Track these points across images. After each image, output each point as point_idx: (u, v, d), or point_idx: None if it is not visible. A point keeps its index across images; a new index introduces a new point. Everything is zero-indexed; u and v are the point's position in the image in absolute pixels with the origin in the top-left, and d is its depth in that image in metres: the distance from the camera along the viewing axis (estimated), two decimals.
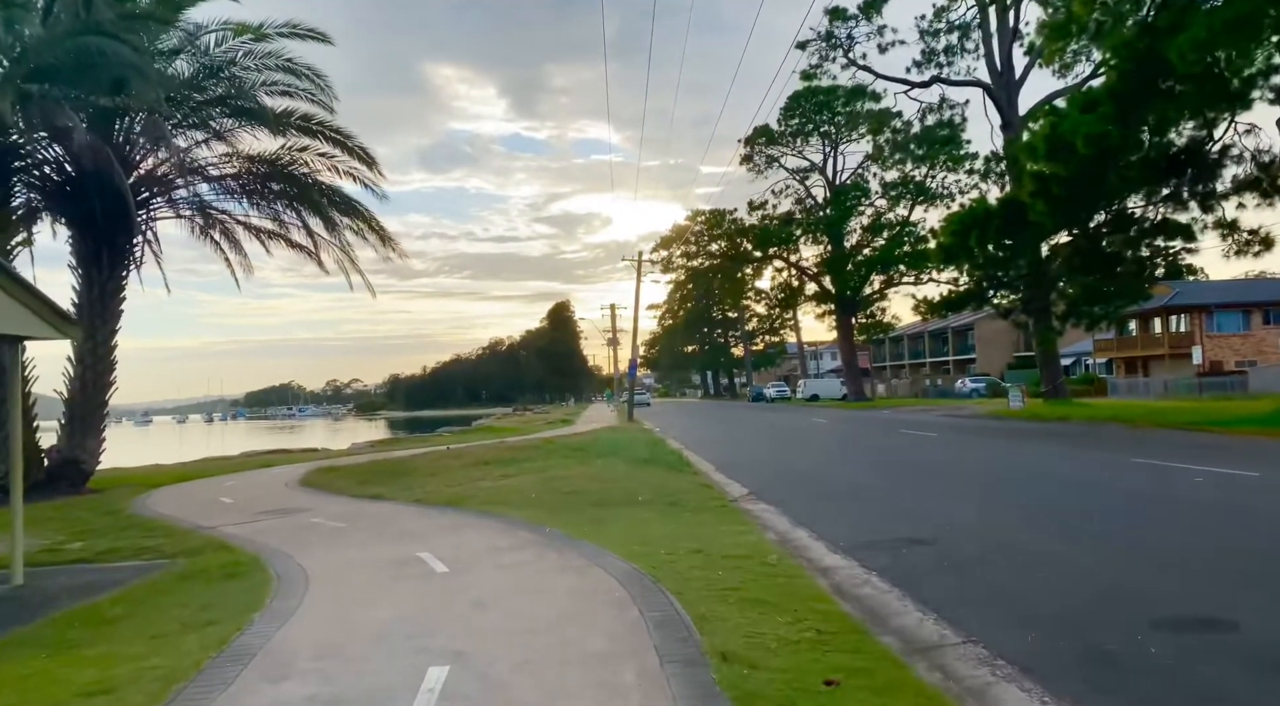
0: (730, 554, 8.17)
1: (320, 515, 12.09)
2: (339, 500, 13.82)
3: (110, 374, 18.14)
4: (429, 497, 13.17)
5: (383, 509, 12.38)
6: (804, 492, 13.43)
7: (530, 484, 14.33)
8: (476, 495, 13.09)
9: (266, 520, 12.02)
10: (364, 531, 10.42)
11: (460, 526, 10.23)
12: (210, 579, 8.01)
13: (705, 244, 64.89)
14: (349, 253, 20.70)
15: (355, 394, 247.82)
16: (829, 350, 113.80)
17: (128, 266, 18.63)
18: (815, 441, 25.35)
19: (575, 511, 11.22)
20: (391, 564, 8.14)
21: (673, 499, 12.32)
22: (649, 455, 20.11)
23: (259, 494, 15.45)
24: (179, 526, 11.78)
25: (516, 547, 8.57)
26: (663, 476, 15.45)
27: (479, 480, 15.92)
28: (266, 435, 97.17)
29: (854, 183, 62.80)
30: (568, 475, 15.46)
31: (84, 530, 11.85)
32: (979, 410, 40.28)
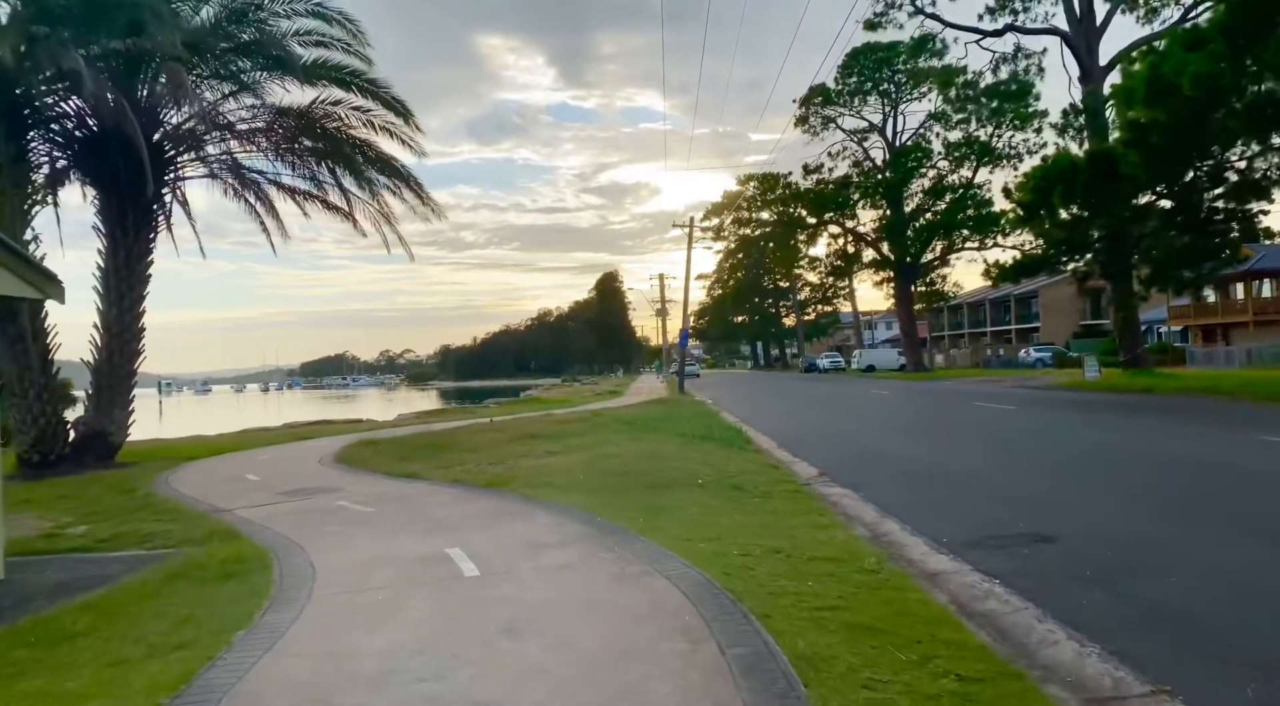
0: (818, 554, 6.76)
1: (347, 497, 10.93)
2: (371, 479, 12.69)
3: (138, 342, 17.23)
4: (468, 477, 11.96)
5: (416, 490, 11.18)
6: (884, 474, 11.94)
7: (578, 462, 13.04)
8: (519, 475, 11.83)
9: (288, 502, 10.91)
10: (391, 518, 9.21)
11: (498, 514, 8.95)
12: (205, 579, 6.83)
13: (758, 210, 62.85)
14: (386, 213, 19.53)
15: (408, 364, 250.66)
16: (884, 319, 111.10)
17: (155, 229, 17.66)
18: (882, 414, 23.71)
19: (628, 496, 9.89)
20: (415, 563, 6.88)
21: (736, 481, 10.93)
22: (704, 430, 18.72)
23: (289, 470, 14.41)
24: (194, 509, 10.73)
25: (561, 544, 7.25)
26: (722, 454, 14.06)
27: (523, 457, 14.69)
28: (318, 405, 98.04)
29: (915, 144, 60.15)
30: (618, 452, 14.15)
31: (93, 511, 10.86)
32: (1050, 380, 38.10)
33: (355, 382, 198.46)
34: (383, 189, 19.39)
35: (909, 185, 60.04)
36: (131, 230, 16.86)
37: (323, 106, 17.81)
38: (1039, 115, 53.25)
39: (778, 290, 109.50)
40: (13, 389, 15.33)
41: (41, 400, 15.31)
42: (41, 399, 15.31)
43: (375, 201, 19.48)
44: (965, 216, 57.35)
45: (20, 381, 15.17)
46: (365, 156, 18.08)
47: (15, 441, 15.69)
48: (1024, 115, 53.34)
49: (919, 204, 61.22)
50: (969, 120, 55.44)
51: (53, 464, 15.40)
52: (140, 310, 17.30)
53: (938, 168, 59.88)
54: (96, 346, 17.00)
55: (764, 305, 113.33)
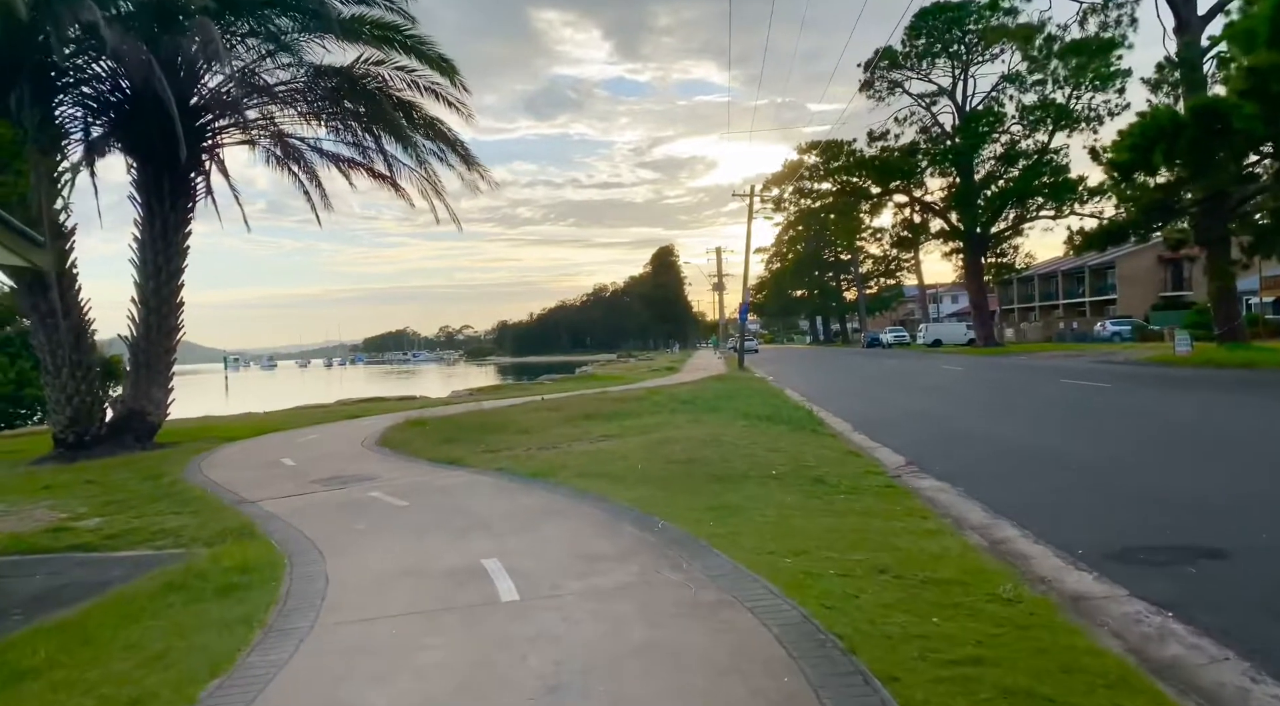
0: (933, 574, 5.47)
1: (383, 487, 9.91)
2: (411, 466, 11.68)
3: (176, 317, 16.50)
4: (515, 465, 10.85)
5: (457, 481, 10.11)
6: (980, 463, 10.54)
7: (635, 448, 11.86)
8: (570, 463, 10.69)
9: (319, 493, 9.93)
10: (426, 514, 8.13)
11: (545, 512, 7.80)
12: (203, 592, 5.81)
13: (820, 179, 60.67)
14: (433, 181, 18.47)
15: (466, 340, 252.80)
16: (949, 293, 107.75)
17: (193, 198, 16.86)
18: (962, 393, 22.08)
19: (692, 491, 8.67)
20: (444, 578, 5.76)
21: (815, 472, 9.63)
22: (770, 410, 17.39)
23: (328, 454, 13.51)
24: (219, 499, 9.81)
25: (617, 556, 6.05)
26: (794, 439, 12.75)
27: (576, 441, 13.57)
28: (376, 381, 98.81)
29: (986, 108, 57.26)
30: (679, 436, 12.93)
31: (112, 500, 10.02)
32: (1134, 355, 35.81)
33: (415, 358, 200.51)
34: (430, 156, 18.34)
35: (980, 151, 57.24)
36: (168, 199, 16.08)
37: (364, 66, 16.75)
38: (1122, 74, 50.25)
39: (838, 263, 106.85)
40: (46, 367, 14.70)
41: (76, 378, 14.64)
42: (76, 377, 14.64)
43: (421, 169, 18.45)
44: (1040, 183, 54.51)
45: (54, 358, 14.51)
46: (410, 118, 17.00)
47: (51, 421, 15.09)
48: (1105, 74, 50.36)
49: (990, 171, 58.40)
50: (1046, 82, 52.59)
51: (88, 445, 14.76)
52: (178, 284, 16.56)
53: (1011, 133, 56.95)
54: (134, 321, 16.32)
55: (824, 279, 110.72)
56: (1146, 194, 26.95)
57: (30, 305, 14.34)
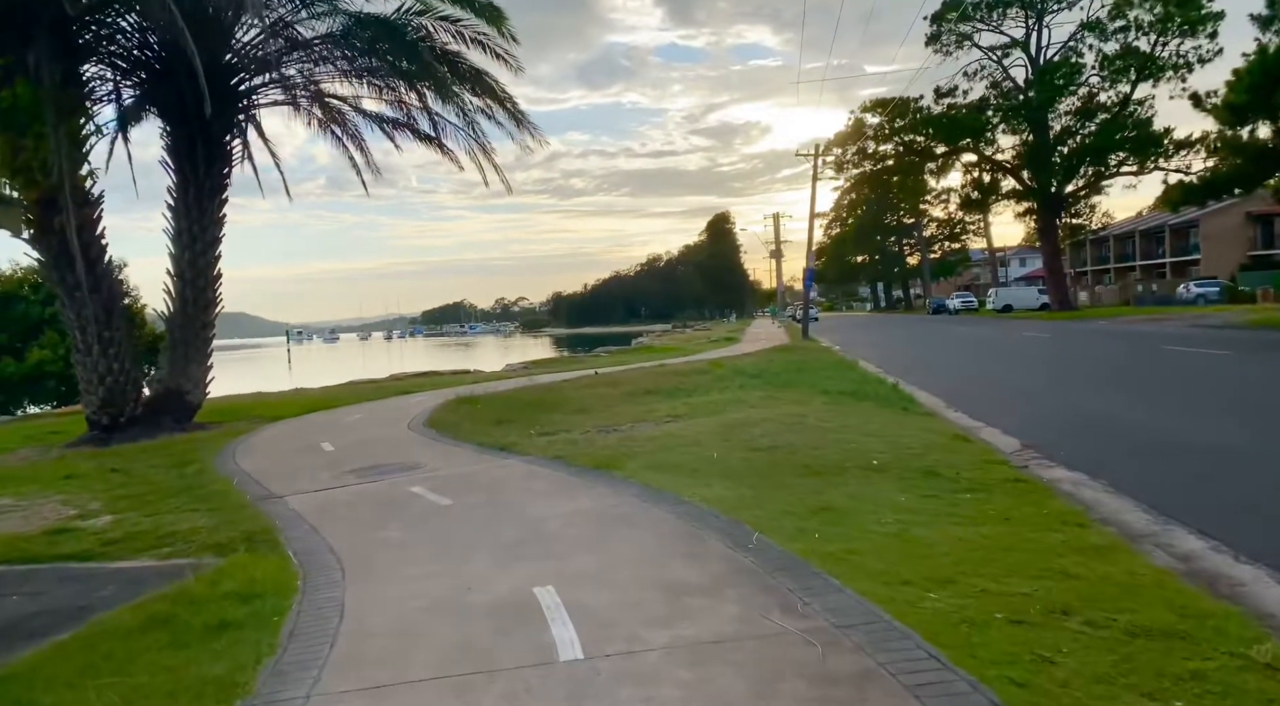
0: (1139, 621, 4.04)
1: (425, 480, 8.74)
2: (459, 453, 10.49)
3: (213, 289, 15.54)
4: (574, 452, 9.58)
5: (509, 472, 8.88)
6: (1114, 449, 9.01)
7: (708, 432, 10.50)
8: (636, 451, 9.39)
9: (355, 485, 8.80)
10: (469, 519, 6.91)
11: (611, 519, 6.51)
12: (188, 631, 4.65)
13: (884, 139, 58.09)
14: (481, 141, 17.19)
15: (522, 311, 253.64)
16: (1016, 256, 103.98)
17: (228, 163, 15.84)
18: (1056, 363, 20.23)
19: (783, 487, 7.31)
20: (486, 618, 4.50)
21: (924, 462, 8.20)
22: (850, 385, 15.89)
23: (371, 437, 12.43)
24: (244, 494, 8.74)
25: (708, 587, 4.72)
26: (886, 419, 11.28)
27: (640, 421, 12.27)
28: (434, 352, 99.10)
29: (1063, 59, 54.06)
30: (755, 418, 11.55)
31: (130, 495, 9.02)
32: (1232, 318, 33.27)
33: (471, 330, 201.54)
34: (477, 113, 17.06)
35: (1055, 106, 54.14)
36: (202, 164, 15.07)
37: (405, 16, 15.46)
38: (1213, 18, 46.90)
39: (901, 227, 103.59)
40: (77, 345, 13.86)
41: (108, 357, 13.77)
42: (108, 355, 13.77)
43: (468, 128, 17.18)
44: (1122, 137, 51.34)
45: (83, 336, 13.65)
46: (455, 72, 15.68)
47: (84, 402, 14.30)
48: (1195, 19, 47.07)
49: (1065, 126, 55.30)
50: (1129, 28, 49.34)
51: (123, 426, 13.92)
52: (215, 254, 15.59)
53: (1089, 85, 53.75)
54: (170, 295, 15.42)
55: (885, 244, 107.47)
56: (1254, 142, 24.50)
57: (58, 279, 13.47)
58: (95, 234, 13.74)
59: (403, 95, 16.97)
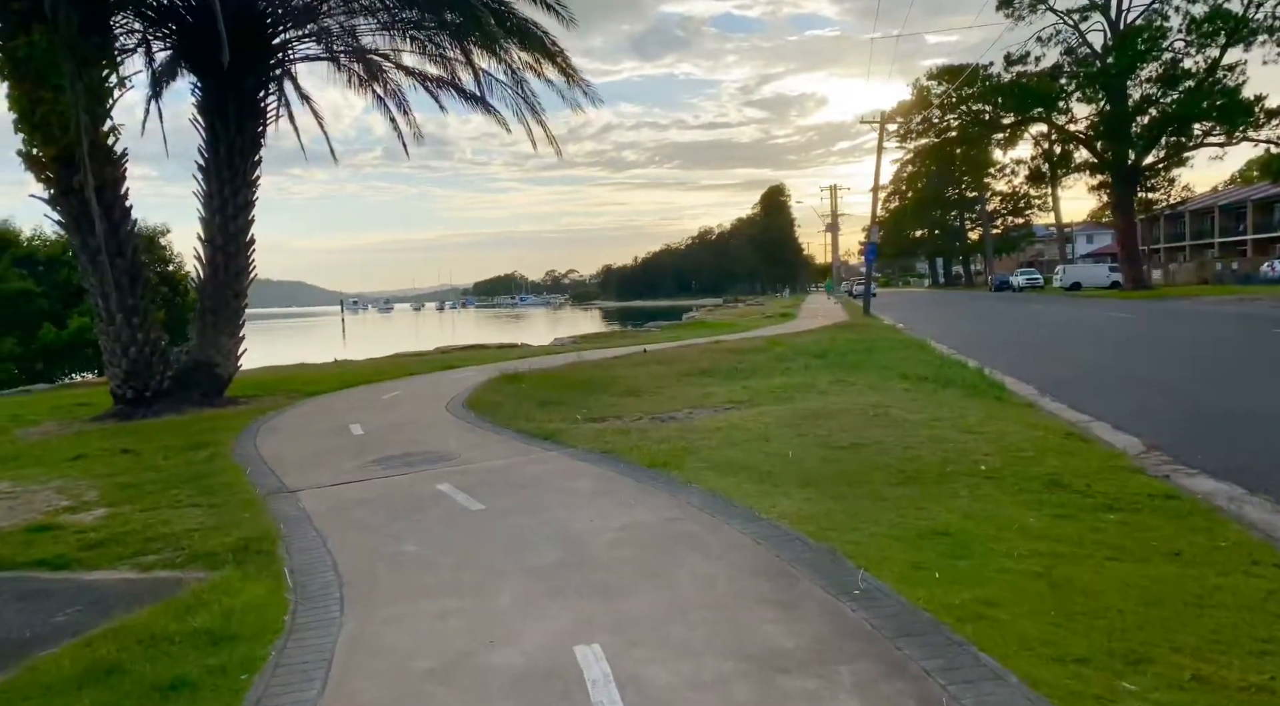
0: None
1: (455, 474, 7.66)
2: (497, 441, 9.40)
3: (245, 255, 14.64)
4: (625, 446, 8.41)
5: (550, 468, 7.75)
6: (1267, 451, 7.56)
7: (777, 423, 9.26)
8: (697, 446, 8.19)
9: (377, 479, 7.75)
10: (502, 532, 5.79)
11: (673, 541, 5.32)
12: (132, 694, 3.61)
13: (950, 108, 55.55)
14: (529, 98, 16.01)
15: (572, 284, 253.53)
16: (1083, 232, 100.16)
17: (262, 121, 14.88)
18: (1156, 346, 18.47)
19: (878, 499, 6.08)
20: (510, 691, 3.37)
21: (1041, 467, 6.90)
22: (928, 369, 14.49)
23: (404, 420, 11.42)
24: (254, 486, 7.76)
25: (810, 660, 3.51)
26: (980, 411, 9.92)
27: (697, 407, 11.07)
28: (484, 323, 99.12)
29: (1145, 23, 50.92)
30: (829, 407, 10.27)
31: (132, 483, 8.10)
32: None
33: (522, 301, 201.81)
34: (525, 70, 15.86)
35: (1136, 72, 51.08)
36: (233, 121, 14.12)
37: None
38: None
39: (962, 201, 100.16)
40: (99, 313, 13.06)
41: (131, 325, 12.95)
42: (131, 324, 12.95)
43: (516, 87, 15.99)
44: (1208, 106, 48.25)
45: (106, 304, 12.84)
46: (501, 23, 14.46)
47: (108, 374, 13.54)
48: None
49: (1145, 94, 52.18)
50: None
51: (149, 401, 13.12)
52: (249, 218, 14.68)
53: (1173, 50, 50.57)
54: (200, 261, 14.58)
55: (946, 218, 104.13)
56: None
57: (79, 243, 12.65)
58: (118, 195, 12.88)
59: (447, 50, 15.84)
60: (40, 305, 21.28)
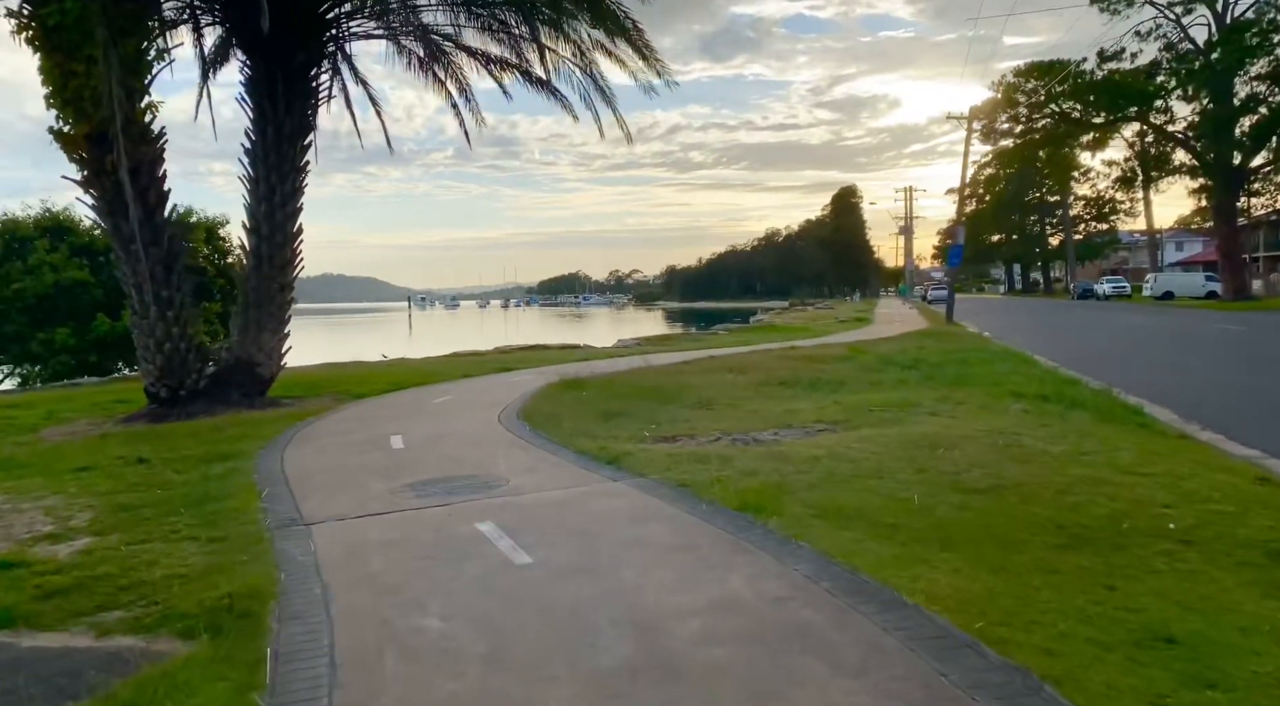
0: None
1: (500, 510, 6.35)
2: (553, 463, 8.07)
3: (292, 246, 13.62)
4: (704, 478, 6.97)
5: (615, 506, 6.36)
6: None
7: (885, 450, 7.75)
8: (793, 480, 6.73)
9: (409, 510, 6.48)
10: (549, 601, 4.44)
11: (786, 638, 3.89)
12: None
13: (1040, 105, 52.80)
14: (599, 81, 14.73)
15: (635, 284, 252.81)
16: (1171, 239, 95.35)
17: (313, 102, 13.87)
18: None
19: (1047, 570, 4.59)
20: None
21: (1250, 528, 5.34)
22: (1040, 385, 12.79)
23: (450, 431, 10.19)
24: (266, 515, 6.56)
25: None
26: (1130, 443, 8.27)
27: (782, 428, 9.60)
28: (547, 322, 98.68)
29: (1258, 15, 47.56)
30: (944, 430, 8.72)
31: (132, 504, 6.98)
32: None
33: (585, 301, 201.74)
34: (596, 50, 14.59)
35: (1243, 69, 47.76)
36: (282, 101, 13.11)
37: None
38: None
39: (1043, 205, 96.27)
40: (133, 305, 12.14)
41: (166, 319, 12.00)
42: (166, 318, 12.00)
43: (585, 70, 14.72)
44: None
45: (139, 294, 11.91)
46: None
47: (141, 371, 12.63)
48: None
49: (1252, 93, 48.79)
50: None
51: (184, 400, 12.16)
52: (296, 206, 13.66)
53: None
54: (244, 251, 13.63)
55: (1025, 223, 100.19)
56: None
57: (112, 228, 11.74)
58: (155, 176, 11.94)
59: (512, 27, 14.63)
60: (95, 296, 20.75)
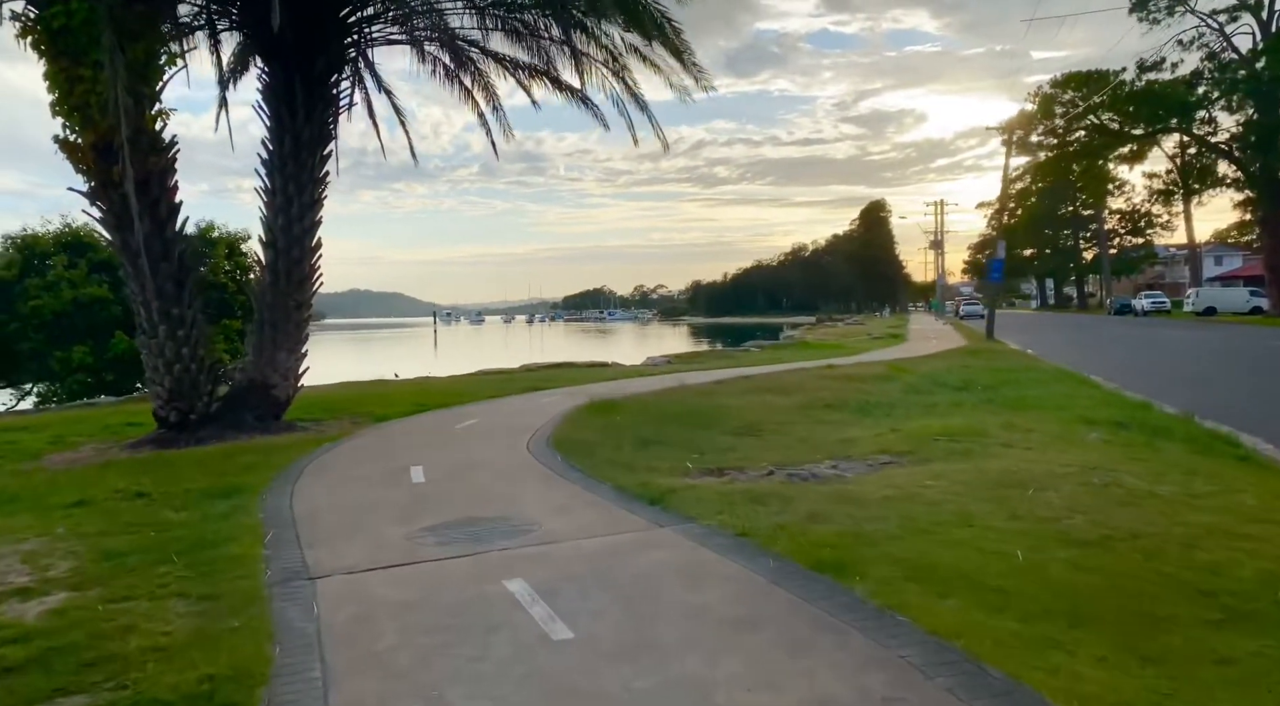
0: None
1: (534, 563, 5.51)
2: (590, 502, 7.21)
3: (310, 261, 12.92)
4: (764, 524, 6.09)
5: (667, 561, 5.49)
6: None
7: (968, 493, 6.83)
8: (869, 528, 5.83)
9: (427, 561, 5.65)
10: (592, 697, 3.59)
11: None
12: None
13: (1079, 116, 51.62)
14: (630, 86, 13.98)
15: (660, 299, 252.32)
16: (1210, 253, 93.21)
17: (333, 109, 13.22)
18: None
19: (1217, 660, 3.68)
20: None
21: None
22: (1111, 410, 11.84)
23: (476, 459, 9.37)
24: (268, 566, 5.76)
25: None
26: (1247, 483, 7.31)
27: (843, 460, 8.69)
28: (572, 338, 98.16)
29: None
30: (1026, 466, 7.78)
31: (117, 552, 6.20)
32: None
33: (610, 316, 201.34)
34: (630, 54, 13.86)
35: None
36: (300, 109, 12.45)
37: None
38: None
39: (1076, 219, 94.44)
40: (141, 324, 11.46)
41: (176, 338, 11.31)
42: (176, 337, 11.31)
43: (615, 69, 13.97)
44: None
45: (147, 311, 11.23)
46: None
47: (150, 393, 11.96)
48: None
49: None
50: None
51: (195, 425, 11.45)
52: (315, 218, 12.97)
53: None
54: (260, 266, 12.96)
55: (1058, 237, 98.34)
56: None
57: (120, 244, 11.09)
58: (165, 187, 11.28)
59: (540, 30, 13.93)
60: (113, 313, 20.23)
